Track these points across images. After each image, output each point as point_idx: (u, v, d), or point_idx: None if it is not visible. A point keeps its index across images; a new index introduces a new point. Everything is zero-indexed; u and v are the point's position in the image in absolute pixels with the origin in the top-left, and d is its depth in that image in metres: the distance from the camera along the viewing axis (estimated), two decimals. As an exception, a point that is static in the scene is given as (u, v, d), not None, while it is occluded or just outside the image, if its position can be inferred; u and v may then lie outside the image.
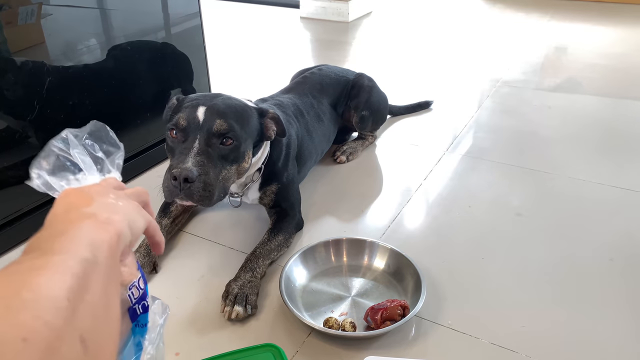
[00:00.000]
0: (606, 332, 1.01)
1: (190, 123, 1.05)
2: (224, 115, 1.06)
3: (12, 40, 1.18)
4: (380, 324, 0.97)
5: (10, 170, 1.24)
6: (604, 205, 1.41)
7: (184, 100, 1.14)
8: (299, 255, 1.14)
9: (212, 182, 1.02)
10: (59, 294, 0.34)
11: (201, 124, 1.05)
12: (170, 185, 1.00)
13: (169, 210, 1.30)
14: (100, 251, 0.40)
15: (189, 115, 1.06)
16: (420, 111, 2.02)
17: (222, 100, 1.11)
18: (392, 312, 0.97)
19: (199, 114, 1.05)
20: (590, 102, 2.11)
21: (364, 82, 1.67)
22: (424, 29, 3.31)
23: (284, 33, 3.27)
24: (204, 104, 1.07)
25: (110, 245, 0.41)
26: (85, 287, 0.36)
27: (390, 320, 0.97)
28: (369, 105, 1.64)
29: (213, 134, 1.04)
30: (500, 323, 1.03)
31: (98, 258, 0.39)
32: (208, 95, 1.14)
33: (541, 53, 2.74)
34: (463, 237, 1.29)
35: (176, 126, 1.06)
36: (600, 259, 1.20)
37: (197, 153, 1.02)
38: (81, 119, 1.38)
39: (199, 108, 1.06)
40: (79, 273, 0.36)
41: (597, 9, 3.53)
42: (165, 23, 1.64)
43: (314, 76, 1.62)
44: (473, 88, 2.26)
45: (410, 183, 1.53)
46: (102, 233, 0.41)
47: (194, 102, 1.10)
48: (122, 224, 0.44)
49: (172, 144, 1.07)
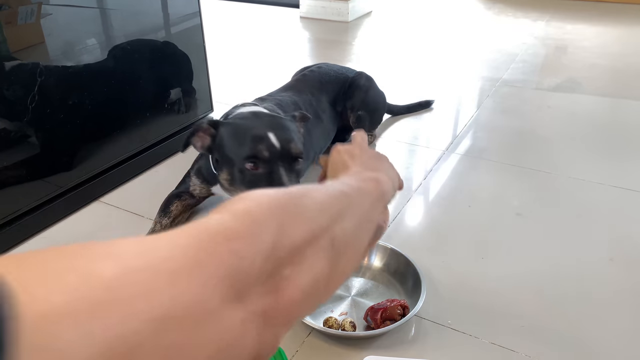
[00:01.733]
0: (606, 332, 1.01)
1: (271, 152, 1.05)
2: (292, 137, 1.09)
3: (11, 40, 1.18)
4: (380, 323, 0.97)
5: (10, 170, 1.24)
6: (604, 205, 1.41)
7: (232, 125, 1.11)
8: None
9: None
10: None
11: (279, 150, 1.05)
12: None
13: (169, 210, 1.29)
14: (374, 194, 0.54)
15: (267, 144, 1.05)
16: (420, 111, 2.02)
17: (276, 120, 1.12)
18: (392, 312, 0.97)
19: (274, 142, 1.05)
20: (590, 102, 2.11)
21: (361, 81, 1.67)
22: (424, 28, 3.30)
23: (284, 33, 3.27)
24: (267, 130, 1.07)
25: (378, 195, 0.55)
26: (357, 204, 0.48)
27: (390, 320, 0.97)
28: (365, 105, 1.64)
29: (292, 158, 1.07)
30: (500, 323, 1.03)
31: (372, 197, 0.54)
32: (256, 116, 1.13)
33: (541, 53, 2.74)
34: (463, 236, 1.29)
35: (258, 158, 1.05)
36: (600, 259, 1.20)
37: (289, 181, 1.04)
38: (81, 118, 1.38)
39: (269, 134, 1.06)
40: (358, 193, 0.51)
41: (597, 9, 3.53)
42: (165, 23, 1.64)
43: (313, 74, 1.62)
44: (473, 88, 2.26)
45: (410, 183, 1.53)
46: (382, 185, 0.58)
47: (252, 127, 1.08)
48: (389, 185, 0.60)
49: (253, 176, 1.06)
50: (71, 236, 1.32)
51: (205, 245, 0.31)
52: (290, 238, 0.37)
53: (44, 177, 1.33)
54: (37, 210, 1.31)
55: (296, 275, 0.37)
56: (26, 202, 1.29)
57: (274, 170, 1.05)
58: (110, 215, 1.41)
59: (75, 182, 1.41)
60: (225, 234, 0.33)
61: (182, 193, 1.33)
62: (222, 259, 0.31)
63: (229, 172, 1.10)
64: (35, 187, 1.31)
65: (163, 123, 1.68)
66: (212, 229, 0.33)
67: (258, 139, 1.05)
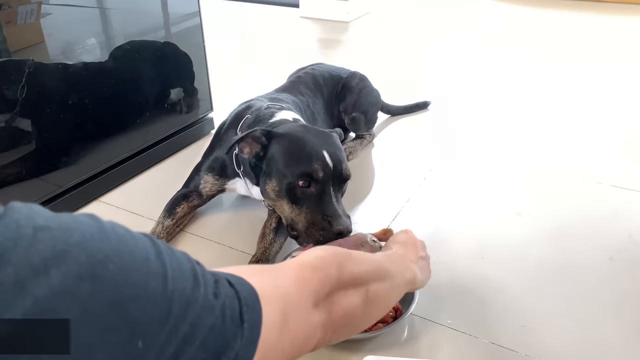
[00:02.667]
0: (606, 331, 1.00)
1: (325, 173, 1.05)
2: (344, 158, 1.10)
3: (11, 39, 1.18)
4: (372, 325, 0.95)
5: (8, 169, 1.24)
6: (604, 204, 1.41)
7: (286, 137, 1.10)
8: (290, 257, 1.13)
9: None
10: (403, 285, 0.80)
11: (332, 172, 1.06)
12: (333, 237, 1.02)
13: (174, 212, 1.28)
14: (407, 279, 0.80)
15: (323, 164, 1.05)
16: (417, 111, 2.01)
17: (329, 139, 1.12)
18: (385, 315, 0.96)
19: (329, 162, 1.06)
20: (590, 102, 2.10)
21: (353, 82, 1.66)
22: (423, 28, 3.30)
23: (284, 33, 3.26)
24: (322, 147, 1.07)
25: (413, 284, 0.84)
26: (393, 279, 0.73)
27: (381, 323, 0.96)
28: (358, 107, 1.64)
29: (343, 180, 1.09)
30: (500, 323, 1.03)
31: (405, 281, 0.80)
32: (308, 131, 1.12)
33: (541, 53, 2.74)
34: (463, 236, 1.29)
35: (312, 178, 1.04)
36: (600, 259, 1.20)
37: (338, 204, 1.06)
38: (81, 118, 1.38)
39: (324, 153, 1.06)
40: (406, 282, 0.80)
41: (598, 9, 3.53)
42: (165, 23, 1.64)
43: (307, 76, 1.61)
44: (472, 87, 2.26)
45: (410, 182, 1.53)
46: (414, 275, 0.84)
47: (312, 144, 1.07)
48: (419, 280, 0.86)
49: (303, 194, 1.05)
50: (71, 236, 1.31)
51: (305, 272, 0.57)
52: (343, 276, 0.61)
53: (43, 176, 1.33)
54: (36, 210, 1.31)
55: (341, 300, 0.60)
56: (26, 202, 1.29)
57: (325, 191, 1.05)
58: (110, 215, 1.40)
59: (75, 182, 1.41)
60: (314, 267, 0.58)
61: (190, 193, 1.32)
62: (313, 281, 0.56)
63: (279, 184, 1.08)
64: (35, 186, 1.30)
65: (163, 123, 1.68)
66: (307, 264, 0.58)
67: (314, 158, 1.05)
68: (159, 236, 1.22)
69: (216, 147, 1.32)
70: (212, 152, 1.32)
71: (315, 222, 1.04)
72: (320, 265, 0.58)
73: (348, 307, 0.61)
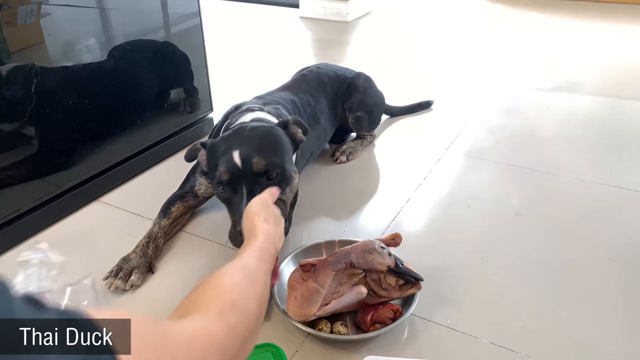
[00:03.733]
0: (605, 331, 1.01)
1: (232, 173, 1.03)
2: (257, 151, 1.05)
3: (11, 40, 1.18)
4: (369, 326, 0.96)
5: (9, 170, 1.24)
6: (603, 205, 1.41)
7: (213, 145, 1.11)
8: (291, 257, 1.13)
9: (279, 215, 1.03)
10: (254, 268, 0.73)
11: (242, 169, 1.04)
12: (238, 240, 1.00)
13: (170, 212, 1.29)
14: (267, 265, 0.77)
15: (227, 166, 1.04)
16: (420, 111, 2.01)
17: (249, 135, 1.09)
18: (382, 315, 0.97)
19: (236, 160, 1.04)
20: (590, 102, 2.10)
21: (359, 82, 1.66)
22: (424, 28, 3.30)
23: (284, 33, 3.26)
24: (235, 147, 1.05)
25: (270, 255, 0.79)
26: (256, 266, 0.73)
27: (380, 324, 0.96)
28: (362, 106, 1.64)
29: (257, 175, 1.04)
30: (500, 323, 1.03)
31: (266, 267, 0.76)
32: (236, 132, 1.12)
33: (541, 53, 2.74)
34: (462, 236, 1.29)
35: (221, 183, 1.05)
36: (599, 259, 1.20)
37: (244, 204, 1.01)
38: (80, 118, 1.38)
39: (233, 153, 1.04)
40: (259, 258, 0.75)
41: (597, 9, 3.53)
42: (164, 23, 1.64)
43: (312, 74, 1.61)
44: (472, 88, 2.26)
45: (410, 183, 1.53)
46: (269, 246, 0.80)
47: (225, 146, 1.07)
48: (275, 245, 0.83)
49: (224, 197, 1.07)
50: (71, 236, 1.32)
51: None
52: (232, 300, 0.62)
53: (43, 177, 1.33)
54: (36, 210, 1.31)
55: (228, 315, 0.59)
56: (26, 202, 1.29)
57: (235, 191, 1.05)
58: (110, 215, 1.41)
59: (75, 182, 1.41)
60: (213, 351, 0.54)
61: (186, 193, 1.33)
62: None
63: (214, 193, 1.12)
64: (35, 187, 1.30)
65: (163, 123, 1.68)
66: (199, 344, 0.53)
67: (222, 162, 1.05)
68: (157, 236, 1.23)
69: None
70: None
71: (231, 226, 1.05)
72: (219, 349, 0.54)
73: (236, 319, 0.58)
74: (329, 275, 0.96)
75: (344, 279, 0.97)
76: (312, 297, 0.95)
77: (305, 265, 1.02)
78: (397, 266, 0.98)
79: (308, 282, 0.97)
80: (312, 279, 0.97)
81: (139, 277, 1.13)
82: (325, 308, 0.94)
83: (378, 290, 0.98)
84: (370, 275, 0.98)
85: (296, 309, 0.96)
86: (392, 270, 0.97)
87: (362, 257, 0.96)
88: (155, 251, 1.20)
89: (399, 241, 1.04)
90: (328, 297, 0.95)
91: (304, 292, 0.96)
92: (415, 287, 1.00)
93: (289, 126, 1.17)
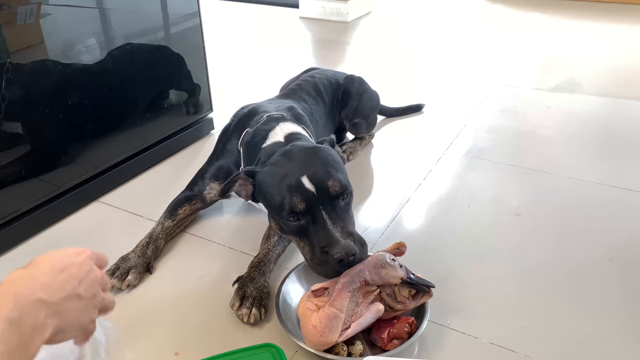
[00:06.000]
0: (605, 331, 1.00)
1: (307, 201, 0.98)
2: (328, 174, 1.00)
3: (11, 40, 1.18)
4: (387, 342, 0.94)
5: (8, 169, 1.24)
6: (603, 205, 1.41)
7: (265, 174, 1.05)
8: (294, 273, 1.09)
9: (359, 235, 1.00)
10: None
11: (317, 195, 0.98)
12: (337, 266, 0.96)
13: (176, 213, 1.28)
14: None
15: (301, 194, 0.98)
16: (410, 114, 1.99)
17: (309, 157, 1.04)
18: (400, 331, 0.94)
19: (308, 187, 0.98)
20: (590, 102, 2.10)
21: (353, 88, 1.65)
22: (423, 28, 3.30)
23: (283, 33, 3.26)
24: (300, 172, 1.00)
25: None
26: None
27: (397, 339, 0.94)
28: (359, 113, 1.64)
29: (334, 198, 1.00)
30: (500, 323, 1.03)
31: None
32: (288, 156, 1.06)
33: (541, 53, 2.74)
34: (462, 237, 1.29)
35: (295, 213, 0.99)
36: (600, 259, 1.20)
37: (334, 226, 0.97)
38: (80, 118, 1.38)
39: (302, 179, 0.99)
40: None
41: (597, 9, 3.53)
42: (164, 23, 1.64)
43: (308, 83, 1.59)
44: (472, 88, 2.26)
45: (410, 183, 1.53)
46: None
47: (283, 172, 1.02)
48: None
49: (297, 227, 1.00)
50: (71, 236, 1.32)
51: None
52: None
53: (43, 177, 1.32)
54: (36, 210, 1.31)
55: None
56: (26, 202, 1.29)
57: (315, 219, 0.98)
58: (109, 215, 1.41)
59: (75, 182, 1.41)
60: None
61: (194, 196, 1.32)
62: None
63: (276, 225, 1.07)
64: (35, 187, 1.30)
65: (163, 123, 1.68)
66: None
67: (292, 190, 0.99)
68: (158, 237, 1.22)
69: (220, 156, 1.32)
70: (217, 160, 1.32)
71: (314, 256, 0.99)
72: None
73: None
74: (346, 298, 0.92)
75: (359, 299, 0.93)
76: (332, 324, 0.90)
77: (317, 290, 0.97)
78: (409, 277, 0.96)
79: (324, 308, 0.93)
80: (329, 304, 0.93)
81: (135, 277, 1.13)
82: (346, 333, 0.91)
83: (394, 305, 0.95)
84: (385, 290, 0.95)
85: (317, 339, 0.90)
86: (405, 281, 0.95)
87: (376, 273, 0.94)
88: (154, 252, 1.20)
89: (404, 250, 1.02)
90: (347, 320, 0.91)
91: (323, 319, 0.91)
92: (428, 295, 0.97)
93: (334, 146, 1.15)
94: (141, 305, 1.09)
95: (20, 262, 1.21)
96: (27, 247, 1.28)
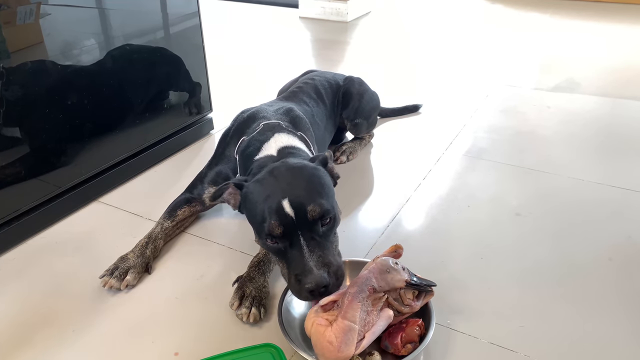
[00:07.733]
0: (605, 331, 1.00)
1: (285, 226, 0.95)
2: (309, 198, 0.97)
3: (10, 40, 1.18)
4: (401, 348, 0.93)
5: (8, 169, 1.24)
6: (603, 205, 1.41)
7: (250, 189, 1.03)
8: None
9: (338, 265, 0.97)
10: None
11: (295, 220, 0.95)
12: (308, 296, 0.95)
13: (175, 214, 1.29)
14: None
15: (279, 217, 0.95)
16: (407, 114, 1.99)
17: (293, 178, 1.01)
18: (411, 334, 0.93)
19: (287, 210, 0.95)
20: (589, 102, 2.10)
21: (353, 89, 1.65)
22: (423, 28, 3.31)
23: (283, 33, 3.26)
24: (282, 194, 0.96)
25: None
26: None
27: (410, 343, 0.93)
28: (360, 114, 1.63)
29: (312, 223, 0.96)
30: (499, 323, 1.03)
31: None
32: (273, 175, 1.02)
33: (541, 53, 2.74)
34: (462, 236, 1.29)
35: (272, 236, 0.96)
36: (599, 259, 1.20)
37: (310, 253, 0.95)
38: (80, 118, 1.38)
39: (282, 202, 0.95)
40: None
41: (597, 9, 3.53)
42: (164, 23, 1.64)
43: (308, 86, 1.59)
44: (472, 87, 2.26)
45: (409, 182, 1.53)
46: None
47: (267, 192, 0.99)
48: None
49: (276, 249, 0.99)
50: (70, 236, 1.32)
51: None
52: None
53: (43, 177, 1.32)
54: (36, 211, 1.31)
55: None
56: (25, 203, 1.29)
57: (292, 244, 0.96)
58: (109, 215, 1.41)
59: (74, 182, 1.41)
60: None
61: (193, 199, 1.32)
62: None
63: (259, 242, 1.05)
64: (34, 187, 1.30)
65: (162, 123, 1.68)
66: None
67: (271, 213, 0.96)
68: (157, 237, 1.22)
69: (219, 161, 1.32)
70: (217, 164, 1.32)
71: (289, 280, 0.98)
72: None
73: None
74: (357, 308, 0.91)
75: (369, 307, 0.92)
76: (348, 337, 0.89)
77: (326, 305, 0.95)
78: (412, 279, 0.95)
79: (338, 322, 0.91)
80: (341, 317, 0.91)
81: (134, 277, 1.13)
82: (362, 344, 0.90)
83: (401, 308, 0.94)
84: (391, 295, 0.94)
85: (335, 355, 0.88)
86: (409, 284, 0.95)
87: (382, 279, 0.93)
88: (153, 252, 1.20)
89: (401, 252, 1.01)
90: (361, 331, 0.90)
91: (338, 334, 0.89)
92: (430, 294, 0.97)
93: (328, 164, 1.11)
94: (140, 305, 1.09)
95: (20, 262, 1.22)
96: (26, 247, 1.28)
